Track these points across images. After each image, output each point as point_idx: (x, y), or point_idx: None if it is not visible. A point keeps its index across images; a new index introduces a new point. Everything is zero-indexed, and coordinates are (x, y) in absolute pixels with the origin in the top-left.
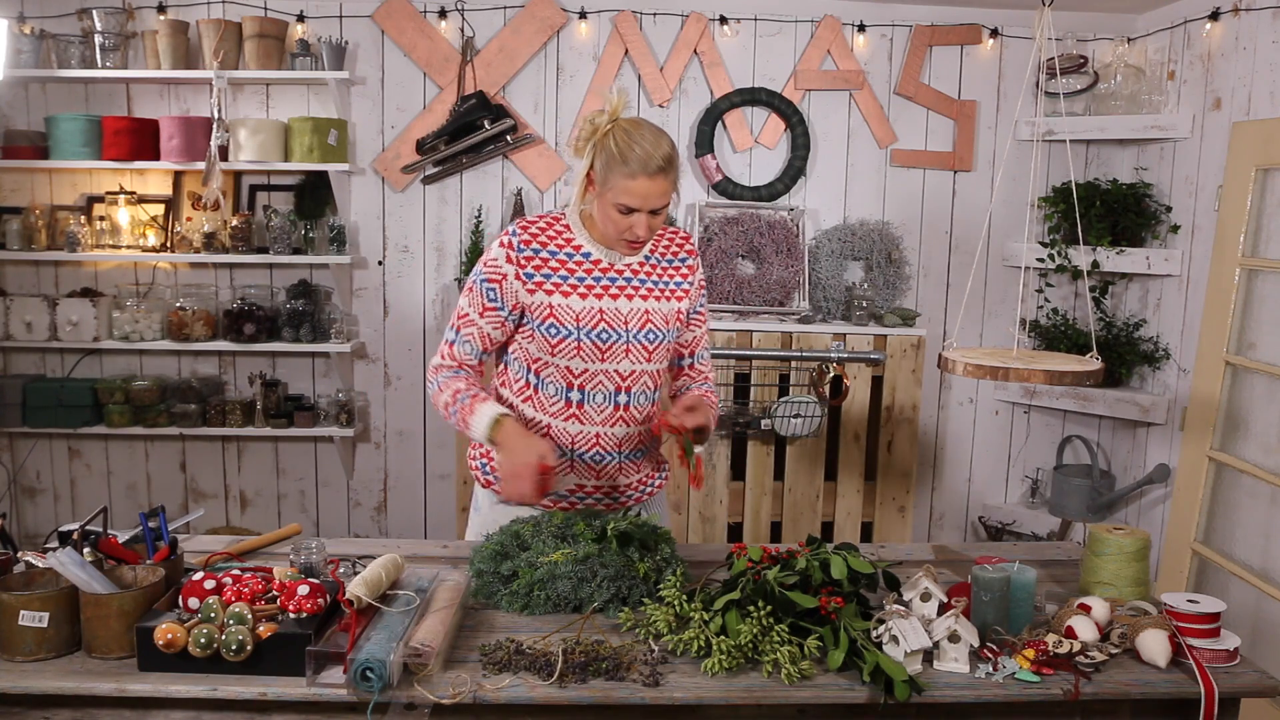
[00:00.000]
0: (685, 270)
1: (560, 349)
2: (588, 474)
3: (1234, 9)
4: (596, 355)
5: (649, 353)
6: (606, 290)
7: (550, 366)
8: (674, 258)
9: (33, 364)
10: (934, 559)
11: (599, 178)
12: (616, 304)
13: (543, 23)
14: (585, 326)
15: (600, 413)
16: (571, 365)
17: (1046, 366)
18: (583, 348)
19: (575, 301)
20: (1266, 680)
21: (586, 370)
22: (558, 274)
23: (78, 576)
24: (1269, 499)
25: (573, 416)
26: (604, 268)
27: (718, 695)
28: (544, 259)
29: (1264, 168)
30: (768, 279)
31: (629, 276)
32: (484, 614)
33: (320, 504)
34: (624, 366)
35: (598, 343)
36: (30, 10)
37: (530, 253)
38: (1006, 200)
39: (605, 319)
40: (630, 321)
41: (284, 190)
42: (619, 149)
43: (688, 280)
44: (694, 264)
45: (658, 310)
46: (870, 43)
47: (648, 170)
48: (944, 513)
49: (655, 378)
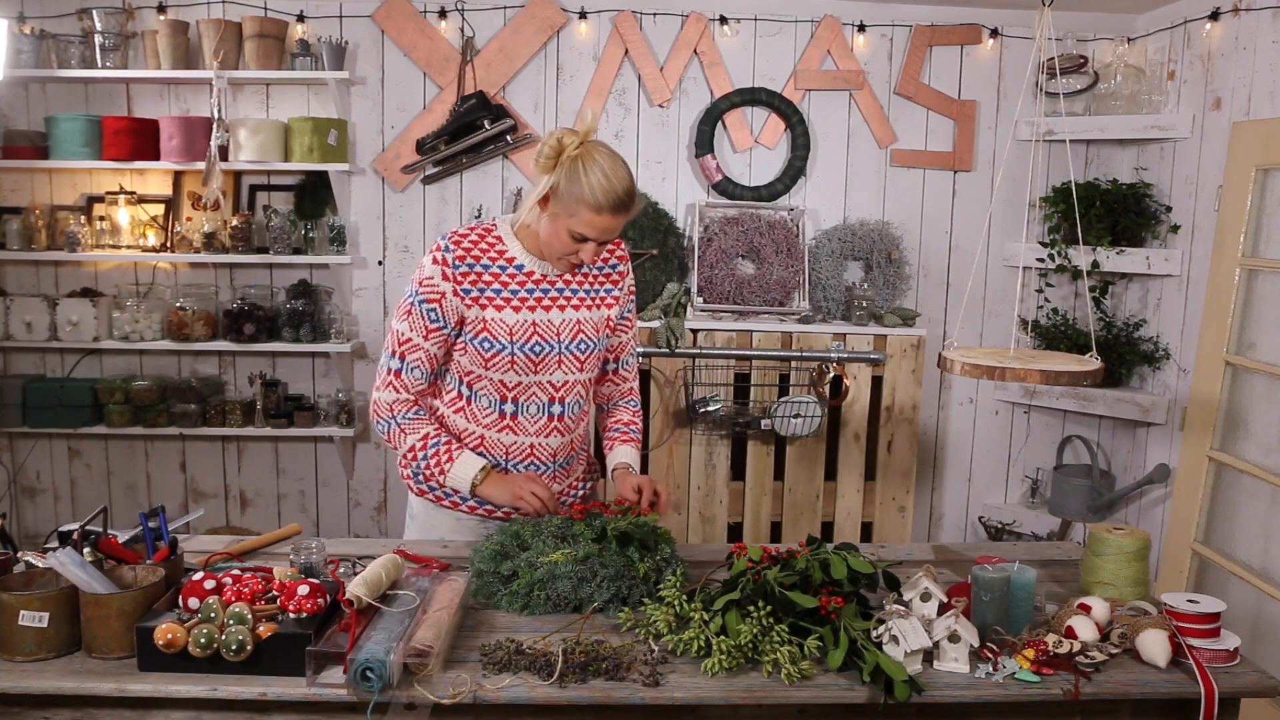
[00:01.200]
0: (616, 276)
1: (494, 363)
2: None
3: (1234, 9)
4: (530, 368)
5: (581, 363)
6: (540, 302)
7: (484, 379)
8: (604, 264)
9: (33, 364)
10: (934, 559)
11: (559, 198)
12: (549, 315)
13: (543, 23)
14: (519, 340)
15: (534, 424)
16: (505, 379)
17: (1044, 366)
18: (516, 361)
19: (509, 315)
20: (1266, 680)
21: (520, 383)
22: (491, 288)
23: (78, 576)
24: (1269, 499)
25: (506, 428)
26: (536, 279)
27: (718, 695)
28: (478, 273)
29: (1264, 168)
30: (768, 279)
31: (560, 287)
32: (484, 614)
33: (320, 504)
34: (557, 377)
35: (531, 356)
36: (30, 10)
37: (465, 268)
38: (1006, 200)
39: (538, 331)
40: (562, 333)
41: (284, 190)
42: (588, 180)
43: (618, 287)
44: (624, 270)
45: (589, 319)
46: (870, 43)
47: (613, 208)
48: (944, 513)
49: (587, 386)
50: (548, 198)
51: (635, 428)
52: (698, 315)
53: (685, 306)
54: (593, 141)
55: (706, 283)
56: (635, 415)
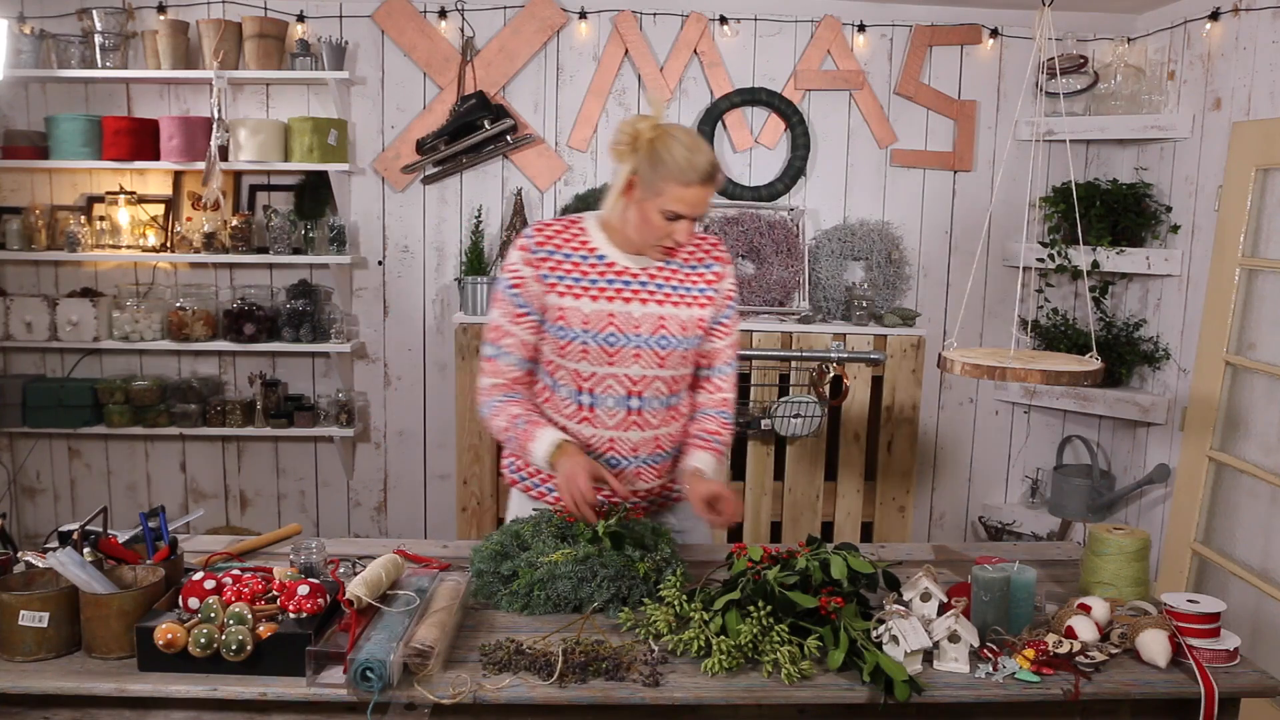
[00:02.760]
0: (711, 276)
1: (568, 351)
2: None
3: (1234, 9)
4: (604, 358)
5: (661, 359)
6: (619, 294)
7: (562, 369)
8: (699, 264)
9: (33, 364)
10: (934, 559)
11: (643, 183)
12: (629, 308)
13: (543, 23)
14: (593, 329)
15: (612, 417)
16: (579, 368)
17: (1044, 366)
18: (589, 350)
19: (585, 304)
20: (1266, 680)
21: (595, 373)
22: (570, 276)
23: (78, 576)
24: (1269, 499)
25: (585, 420)
26: (618, 270)
27: (718, 695)
28: (558, 261)
29: (1264, 168)
30: (768, 279)
31: (644, 280)
32: (484, 614)
33: (320, 504)
34: (634, 371)
35: (605, 346)
36: (30, 10)
37: (545, 254)
38: (1006, 200)
39: (614, 322)
40: (642, 326)
41: (284, 190)
42: (672, 156)
43: (712, 287)
44: (722, 271)
45: (674, 316)
46: (870, 43)
47: (701, 179)
48: (944, 513)
49: (671, 384)
50: (631, 185)
51: (719, 438)
52: None
53: None
54: (665, 123)
55: None
56: (722, 426)
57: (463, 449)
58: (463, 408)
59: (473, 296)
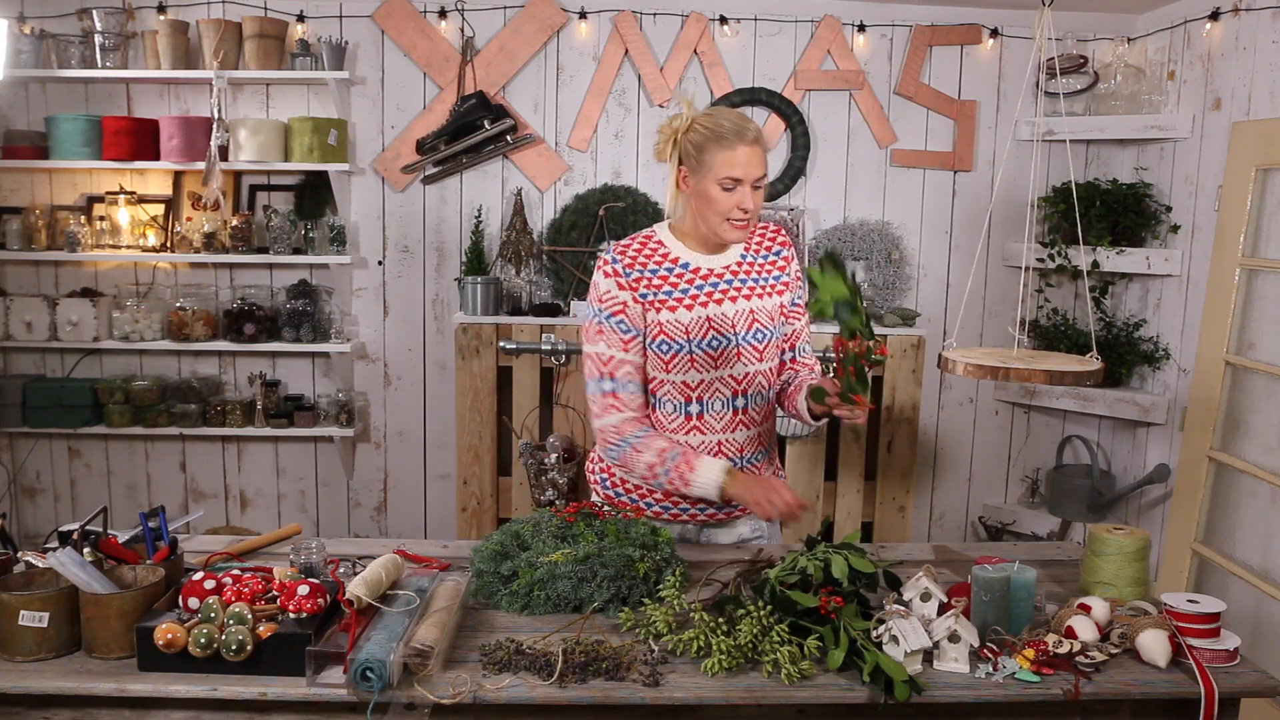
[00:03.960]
0: (781, 262)
1: (674, 364)
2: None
3: (1234, 9)
4: (710, 364)
5: (760, 352)
6: (710, 297)
7: (666, 384)
8: (768, 252)
9: (33, 364)
10: (934, 559)
11: (693, 167)
12: (722, 309)
13: (543, 23)
14: (695, 337)
15: (720, 420)
16: (688, 379)
17: (1047, 366)
18: (696, 359)
19: (682, 314)
20: (1266, 680)
21: (703, 380)
22: (661, 290)
23: (78, 576)
24: (1269, 499)
25: (693, 429)
26: (704, 274)
27: (718, 695)
28: (648, 277)
29: (1264, 168)
30: None
31: (729, 279)
32: (484, 614)
33: (320, 504)
34: (738, 370)
35: (710, 351)
36: (30, 10)
37: (636, 274)
38: (1006, 200)
39: (714, 326)
40: (738, 324)
41: (284, 190)
42: (710, 130)
43: (785, 272)
44: (789, 255)
45: (762, 308)
46: (870, 43)
47: (744, 139)
48: (944, 513)
49: (769, 376)
50: (684, 177)
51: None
52: None
53: None
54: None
55: None
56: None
57: (463, 449)
58: (463, 408)
59: (473, 296)
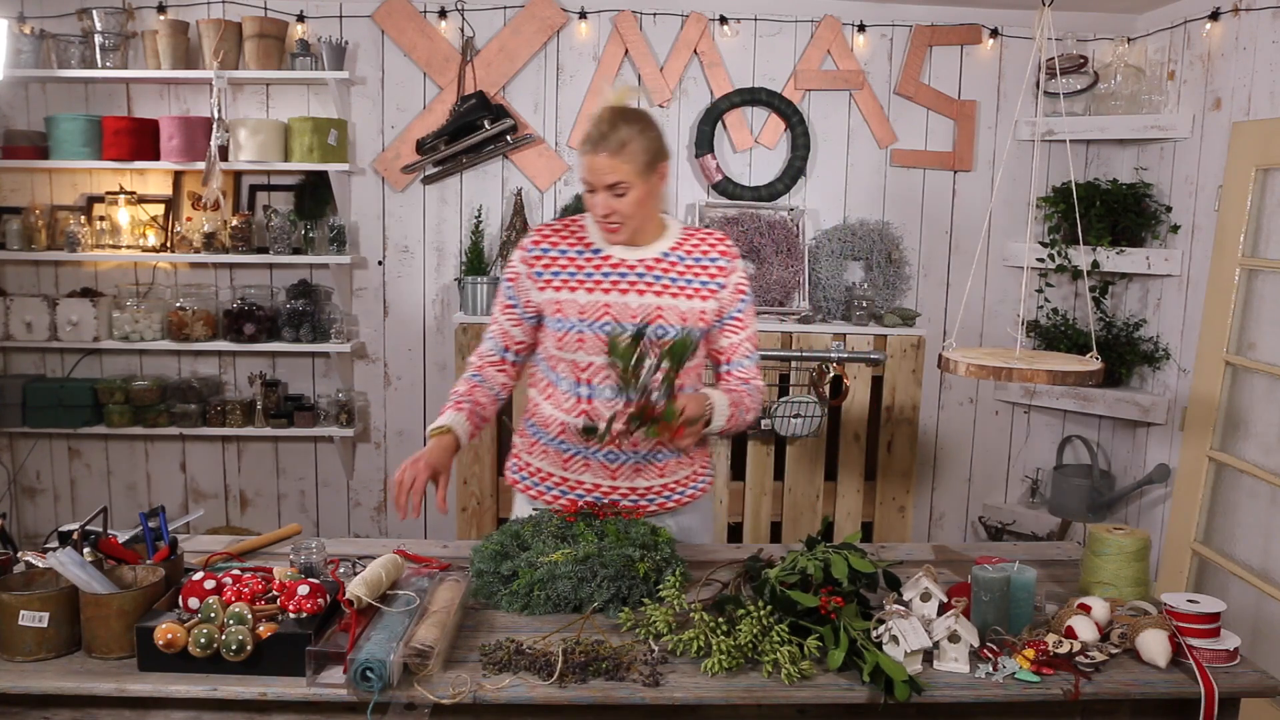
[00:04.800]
0: (715, 270)
1: (565, 342)
2: (603, 474)
3: (1234, 9)
4: (600, 348)
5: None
6: (615, 285)
7: (561, 362)
8: (704, 256)
9: (33, 364)
10: (934, 559)
11: None
12: (625, 298)
13: (543, 23)
14: (589, 319)
15: (609, 409)
16: (577, 358)
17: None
18: (585, 340)
19: (581, 295)
20: (1266, 680)
21: (592, 364)
22: (566, 270)
23: (78, 576)
24: (1269, 499)
25: (583, 414)
26: (614, 263)
27: (718, 695)
28: (554, 258)
29: (1264, 168)
30: (768, 279)
31: (642, 272)
32: (484, 614)
33: (320, 504)
34: None
35: (602, 335)
36: (30, 10)
37: (540, 252)
38: (1006, 200)
39: (611, 312)
40: (638, 316)
41: (284, 190)
42: (586, 131)
43: (715, 280)
44: (728, 265)
45: (672, 307)
46: (870, 43)
47: (598, 147)
48: (944, 513)
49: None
50: None
51: (738, 394)
52: None
53: None
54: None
55: None
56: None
57: (462, 449)
58: None
59: (473, 296)
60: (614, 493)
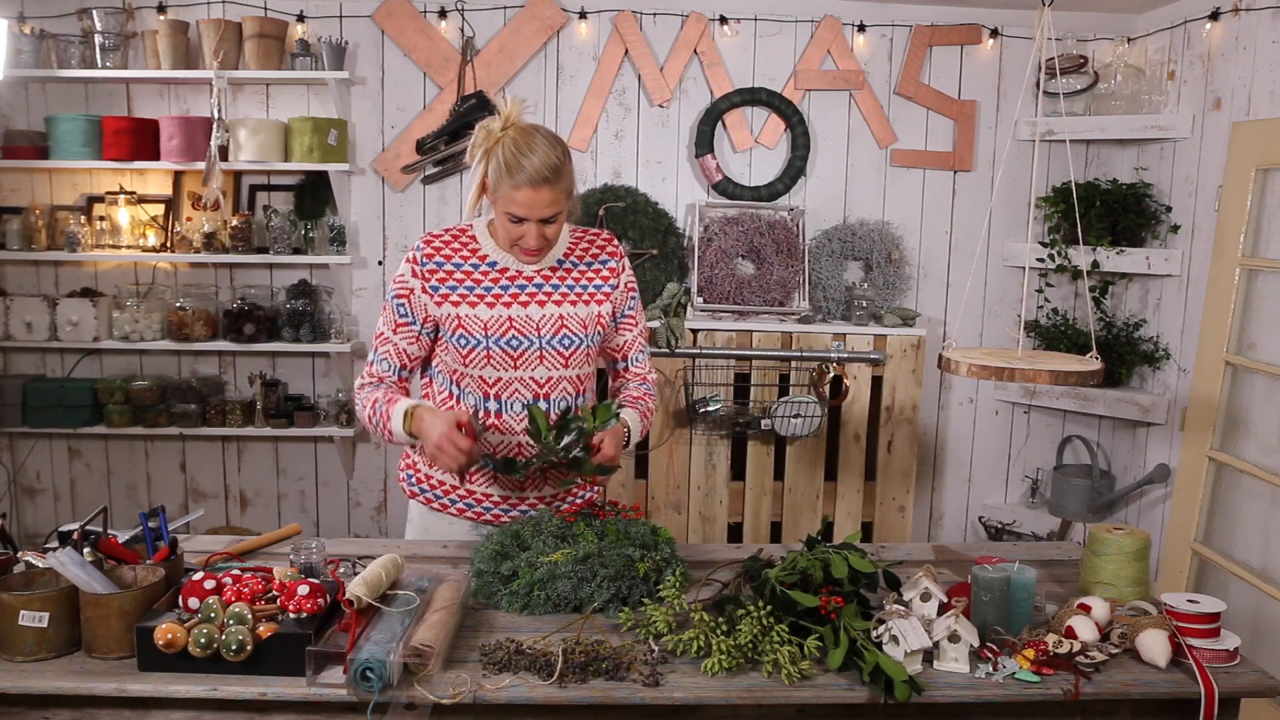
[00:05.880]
0: (606, 272)
1: (471, 359)
2: (511, 486)
3: (1234, 9)
4: (509, 363)
5: (565, 359)
6: (516, 298)
7: (467, 377)
8: (593, 260)
9: (33, 364)
10: (934, 559)
11: (491, 185)
12: (527, 311)
13: (543, 23)
14: (494, 335)
15: (520, 421)
16: (485, 374)
17: (1050, 367)
18: (493, 356)
19: (483, 311)
20: (1266, 680)
21: (500, 379)
22: (464, 285)
23: (78, 576)
24: (1269, 499)
25: (493, 426)
26: (511, 275)
27: (718, 695)
28: (449, 271)
29: (1264, 168)
30: (768, 279)
31: (539, 283)
32: (484, 614)
33: (320, 504)
34: (540, 373)
35: (508, 350)
36: (30, 10)
37: (434, 266)
38: (1006, 200)
39: (515, 326)
40: (543, 328)
41: (284, 190)
42: (506, 159)
43: (609, 283)
44: (617, 266)
45: (573, 315)
46: (870, 43)
47: (533, 181)
48: (944, 513)
49: (577, 383)
50: (485, 187)
51: (644, 403)
52: (698, 315)
53: (685, 306)
54: (518, 124)
55: (706, 283)
56: (643, 393)
57: None
58: None
59: None
60: (522, 504)
